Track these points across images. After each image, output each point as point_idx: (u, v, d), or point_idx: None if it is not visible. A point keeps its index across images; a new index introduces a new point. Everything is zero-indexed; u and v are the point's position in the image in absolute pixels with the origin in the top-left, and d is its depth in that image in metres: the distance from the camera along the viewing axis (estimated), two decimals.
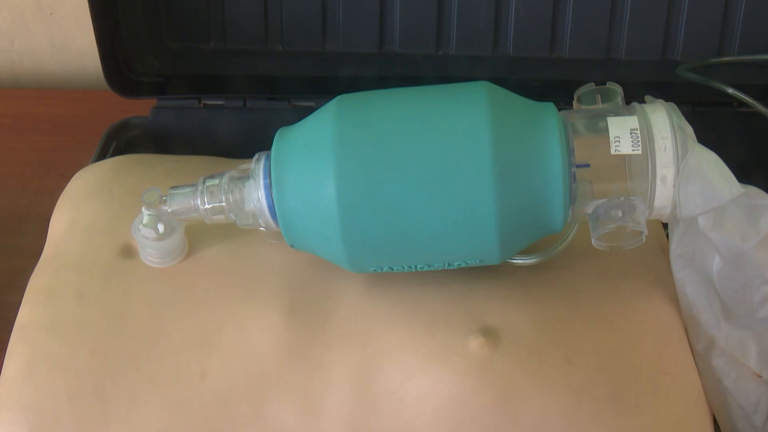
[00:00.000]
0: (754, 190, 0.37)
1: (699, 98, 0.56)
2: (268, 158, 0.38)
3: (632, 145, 0.35)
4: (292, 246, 0.38)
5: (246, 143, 0.44)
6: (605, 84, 0.38)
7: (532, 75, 0.57)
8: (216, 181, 0.39)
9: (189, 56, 0.57)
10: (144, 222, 0.39)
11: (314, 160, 0.36)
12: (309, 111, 0.39)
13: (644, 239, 0.36)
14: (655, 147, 0.35)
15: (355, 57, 0.58)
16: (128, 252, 0.42)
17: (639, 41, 0.57)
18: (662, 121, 0.36)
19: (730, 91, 0.53)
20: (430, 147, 0.35)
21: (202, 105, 0.56)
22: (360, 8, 0.56)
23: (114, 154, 0.54)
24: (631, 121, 0.36)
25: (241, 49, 0.57)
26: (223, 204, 0.39)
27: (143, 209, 0.40)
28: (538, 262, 0.39)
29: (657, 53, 0.57)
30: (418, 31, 0.57)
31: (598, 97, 0.38)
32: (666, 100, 0.43)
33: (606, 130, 0.36)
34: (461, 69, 0.57)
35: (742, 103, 0.53)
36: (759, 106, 0.52)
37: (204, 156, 0.50)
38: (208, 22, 0.57)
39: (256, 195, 0.37)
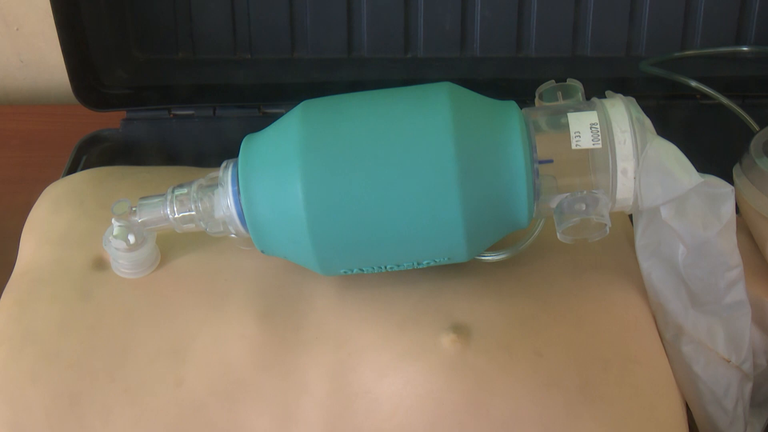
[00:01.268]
0: (713, 179, 0.37)
1: (663, 92, 0.57)
2: (235, 165, 0.38)
3: (592, 140, 0.36)
4: (262, 252, 0.39)
5: (217, 152, 0.45)
6: (566, 81, 0.39)
7: (500, 75, 0.58)
8: (185, 190, 0.39)
9: (158, 67, 0.57)
10: (114, 233, 0.40)
11: (281, 166, 0.36)
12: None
13: (608, 231, 0.36)
14: (614, 140, 0.36)
15: (325, 63, 0.58)
16: (100, 264, 0.42)
17: (603, 38, 0.58)
18: (621, 114, 0.36)
19: (694, 84, 0.54)
20: (395, 148, 0.35)
21: (172, 116, 0.56)
22: (327, 14, 0.57)
23: (85, 167, 0.54)
24: (591, 116, 0.36)
25: (210, 59, 0.58)
26: (193, 213, 0.39)
27: (113, 220, 0.40)
28: (506, 257, 0.40)
29: (621, 49, 0.58)
30: (386, 35, 0.58)
31: (559, 93, 0.38)
32: (631, 95, 0.44)
33: (567, 125, 0.36)
34: (430, 71, 0.58)
35: (705, 96, 0.54)
36: (721, 98, 0.53)
37: (175, 166, 0.51)
38: (176, 33, 0.57)
39: (225, 202, 0.38)
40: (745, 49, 0.57)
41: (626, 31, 0.58)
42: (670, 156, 0.36)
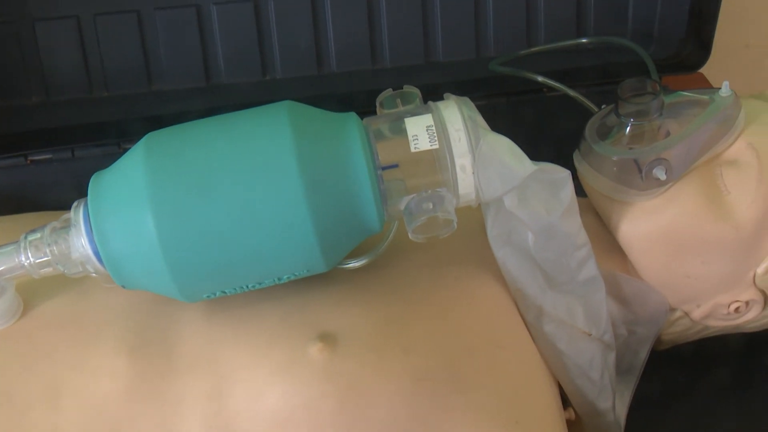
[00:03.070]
0: (549, 166, 0.39)
1: (514, 89, 0.60)
2: (86, 204, 0.38)
3: (429, 141, 0.37)
4: (124, 287, 0.38)
5: (79, 194, 0.44)
6: (402, 88, 0.40)
7: (359, 88, 0.60)
8: (38, 235, 0.39)
9: (10, 114, 0.56)
10: None
11: (129, 200, 0.36)
12: None
13: (455, 226, 0.38)
14: (450, 139, 0.37)
15: (183, 93, 0.58)
16: None
17: (453, 43, 0.60)
18: (454, 115, 0.38)
19: (540, 78, 0.56)
20: (240, 170, 0.36)
21: (29, 161, 0.55)
22: (181, 45, 0.57)
23: None
24: (426, 119, 0.38)
25: (65, 100, 0.57)
26: (49, 257, 0.38)
27: None
28: (366, 263, 0.41)
29: (471, 52, 0.61)
30: (242, 59, 0.58)
31: (398, 100, 0.40)
32: (484, 95, 0.45)
33: (407, 130, 0.38)
34: (289, 91, 0.59)
35: (552, 89, 0.57)
36: (566, 89, 0.55)
37: (34, 213, 0.50)
38: (27, 77, 0.56)
39: (79, 242, 0.37)
40: (584, 41, 0.61)
41: (474, 34, 0.61)
42: (503, 148, 0.38)
